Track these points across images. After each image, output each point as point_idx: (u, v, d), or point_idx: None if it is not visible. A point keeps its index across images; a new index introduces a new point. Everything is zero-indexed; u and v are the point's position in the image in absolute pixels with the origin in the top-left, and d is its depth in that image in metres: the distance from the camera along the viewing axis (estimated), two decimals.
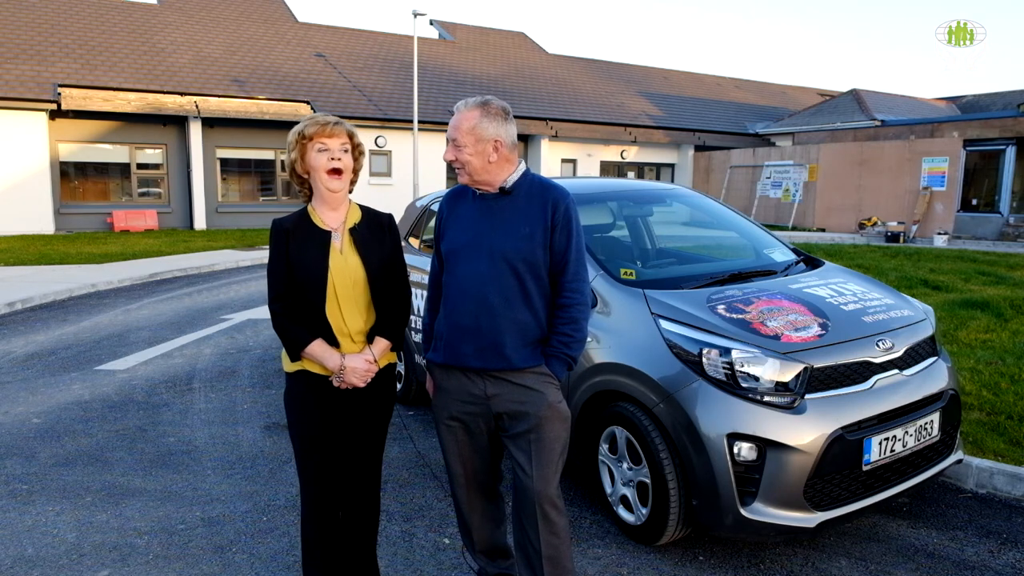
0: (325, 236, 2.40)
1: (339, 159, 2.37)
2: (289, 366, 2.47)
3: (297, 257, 2.36)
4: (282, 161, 20.25)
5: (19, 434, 4.61)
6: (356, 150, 2.45)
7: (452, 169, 2.47)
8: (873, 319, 3.34)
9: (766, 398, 2.90)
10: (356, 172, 2.47)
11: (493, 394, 2.42)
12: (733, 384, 2.93)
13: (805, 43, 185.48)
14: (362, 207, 2.53)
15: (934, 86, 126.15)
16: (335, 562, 2.56)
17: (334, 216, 2.44)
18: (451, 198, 2.59)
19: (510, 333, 2.36)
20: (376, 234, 2.48)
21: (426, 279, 4.57)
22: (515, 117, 2.46)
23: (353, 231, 2.44)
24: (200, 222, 18.93)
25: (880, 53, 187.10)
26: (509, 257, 2.36)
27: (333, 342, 2.40)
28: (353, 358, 2.39)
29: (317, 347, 2.37)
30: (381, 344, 2.47)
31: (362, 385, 2.41)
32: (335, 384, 2.40)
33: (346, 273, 2.38)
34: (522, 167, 2.49)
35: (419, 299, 4.63)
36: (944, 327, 6.71)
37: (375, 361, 2.44)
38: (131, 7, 22.47)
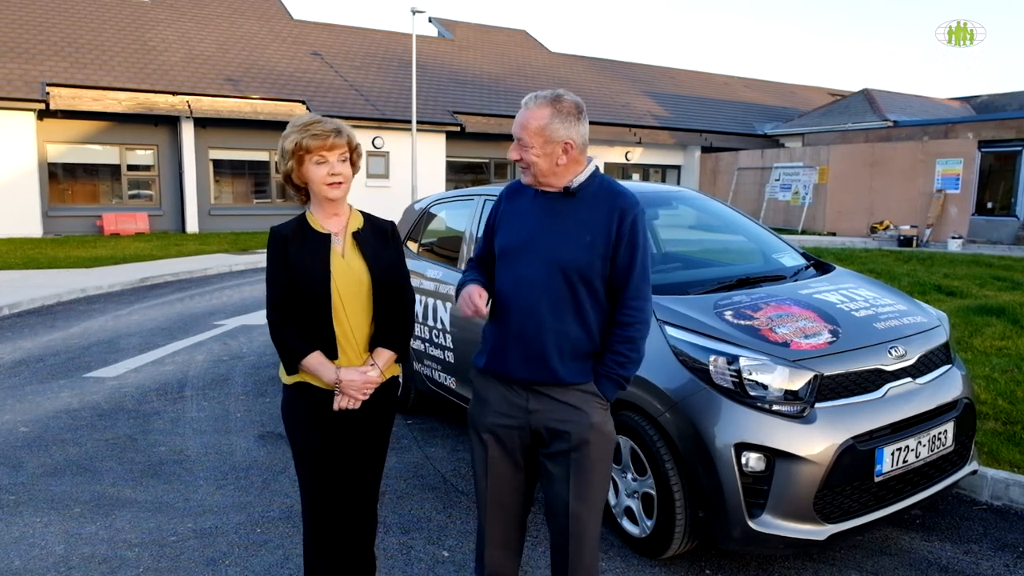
0: (325, 240, 2.32)
1: (339, 173, 2.29)
2: (287, 378, 2.38)
3: (297, 262, 2.27)
4: (276, 163, 20.13)
5: (6, 443, 4.51)
6: (354, 153, 2.37)
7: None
8: (885, 326, 3.28)
9: (775, 407, 2.85)
10: (354, 173, 2.40)
11: (534, 409, 2.27)
12: (741, 392, 2.87)
13: (815, 42, 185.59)
14: (364, 213, 2.46)
15: (948, 86, 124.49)
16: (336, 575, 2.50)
17: (334, 221, 2.37)
18: (510, 192, 2.43)
19: (558, 345, 2.21)
20: (380, 239, 2.41)
21: (424, 284, 4.59)
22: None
23: (356, 235, 2.37)
24: (192, 225, 18.78)
25: (892, 52, 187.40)
26: (564, 265, 2.19)
27: (335, 353, 2.31)
28: (348, 372, 2.29)
29: (314, 359, 2.28)
30: (385, 355, 2.37)
31: (362, 398, 2.32)
32: (335, 406, 2.31)
33: (350, 277, 2.30)
34: (591, 167, 2.31)
35: (419, 305, 4.59)
36: (958, 334, 6.58)
37: (380, 373, 2.35)
38: (121, 4, 22.29)
